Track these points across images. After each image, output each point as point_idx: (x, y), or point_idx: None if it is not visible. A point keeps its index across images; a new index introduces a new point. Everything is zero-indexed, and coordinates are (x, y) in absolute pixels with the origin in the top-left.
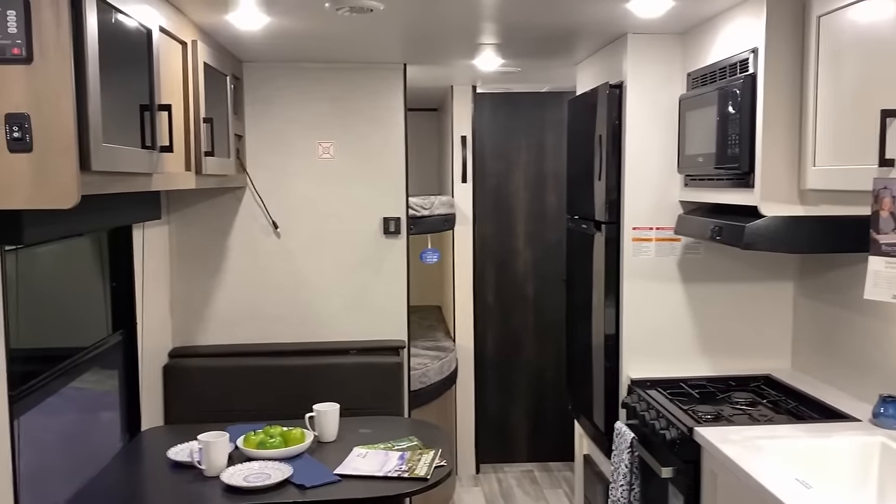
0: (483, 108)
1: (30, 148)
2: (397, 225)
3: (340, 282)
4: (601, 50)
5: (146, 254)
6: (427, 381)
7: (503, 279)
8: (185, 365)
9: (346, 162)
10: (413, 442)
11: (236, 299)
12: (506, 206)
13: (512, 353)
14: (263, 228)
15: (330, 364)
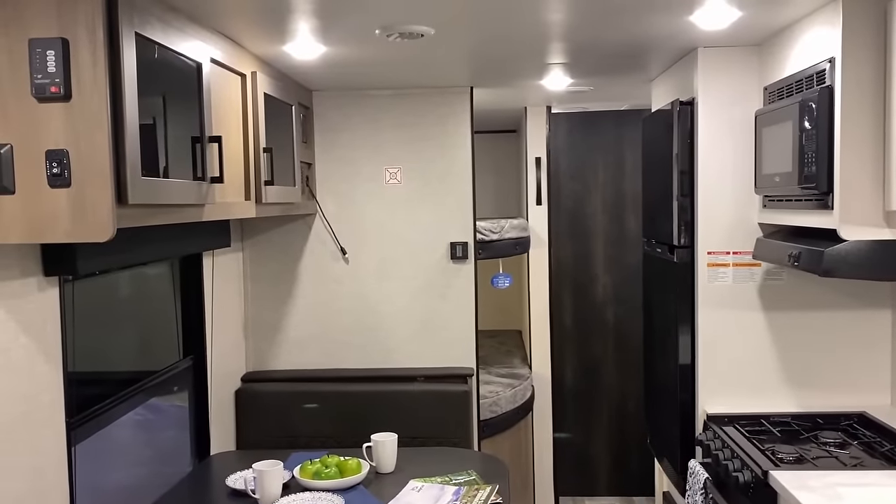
0: (559, 128)
1: (68, 183)
2: (464, 250)
3: (408, 307)
4: (674, 65)
5: (220, 279)
6: (498, 409)
7: (581, 304)
8: (255, 389)
9: (413, 187)
10: (471, 476)
11: (306, 324)
12: (583, 228)
13: (591, 382)
14: (332, 254)
15: (396, 391)
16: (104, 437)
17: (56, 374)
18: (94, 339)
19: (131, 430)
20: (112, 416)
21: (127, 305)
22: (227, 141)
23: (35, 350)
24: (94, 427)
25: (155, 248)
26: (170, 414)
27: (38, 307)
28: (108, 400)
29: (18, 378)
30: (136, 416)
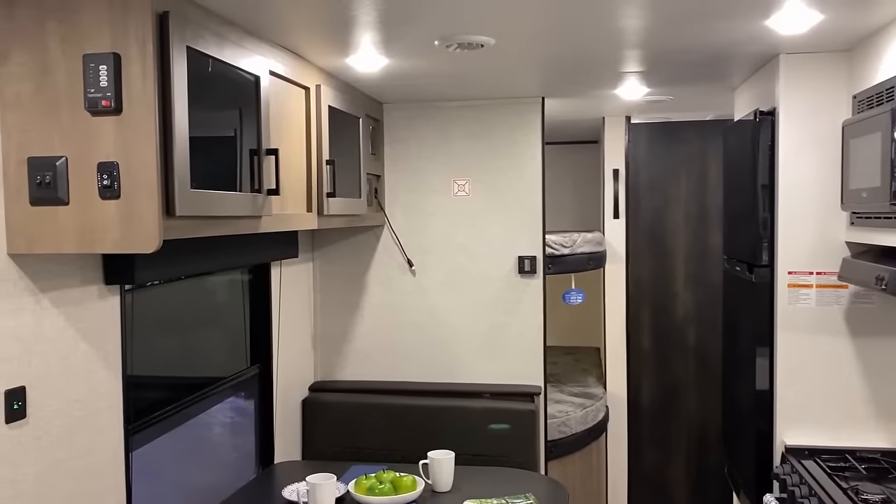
0: (638, 139)
1: (118, 195)
2: (533, 264)
3: (474, 322)
4: (757, 72)
5: (290, 289)
6: (568, 430)
7: (661, 323)
8: (321, 399)
9: (481, 199)
10: (529, 500)
11: (373, 335)
12: (663, 244)
13: (670, 405)
14: (400, 266)
15: (461, 407)
16: (164, 442)
17: (115, 381)
18: (160, 345)
19: (195, 435)
20: (174, 421)
21: (196, 312)
22: (288, 153)
23: (94, 357)
24: (155, 432)
25: (217, 258)
26: (235, 421)
27: (99, 315)
28: (170, 406)
29: (77, 384)
30: (201, 422)
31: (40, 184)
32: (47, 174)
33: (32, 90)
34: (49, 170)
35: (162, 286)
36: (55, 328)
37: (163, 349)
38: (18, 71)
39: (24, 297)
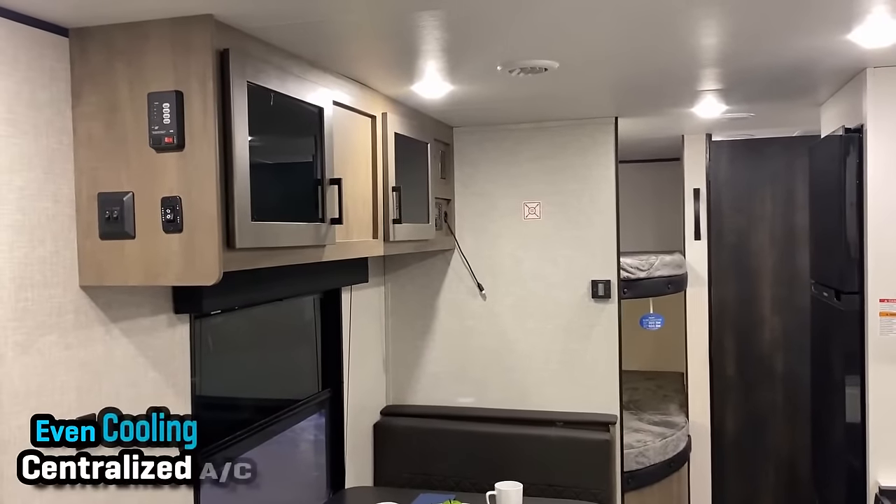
0: (720, 157)
1: (180, 228)
2: (607, 288)
3: (546, 347)
4: (844, 87)
5: (362, 313)
6: (646, 461)
7: (746, 350)
8: (392, 424)
9: (552, 222)
10: None
11: (443, 360)
12: (748, 266)
13: (757, 437)
14: (470, 290)
15: (533, 435)
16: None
17: (184, 408)
18: (231, 368)
19: (266, 458)
20: (244, 446)
21: (268, 336)
22: (353, 181)
23: (164, 384)
24: (227, 456)
25: (285, 285)
26: (307, 445)
27: (168, 343)
28: (239, 432)
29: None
30: (272, 445)
31: (108, 218)
32: (115, 209)
33: (102, 128)
34: (117, 205)
35: (234, 312)
36: (125, 356)
37: (235, 374)
38: (90, 111)
39: (95, 326)
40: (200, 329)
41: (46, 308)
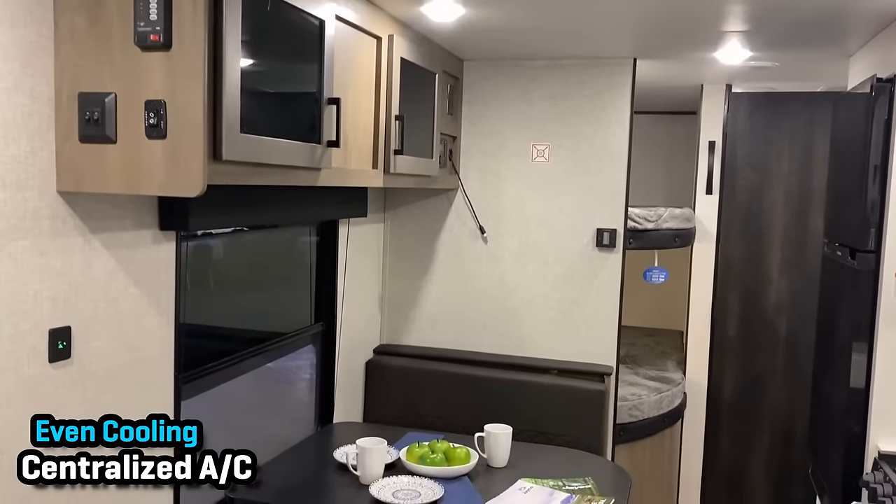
0: (739, 110)
1: (164, 134)
2: (612, 237)
3: (546, 295)
4: (876, 36)
5: (360, 250)
6: (639, 414)
7: (749, 310)
8: (385, 363)
9: (561, 166)
10: (587, 485)
11: (441, 302)
12: (758, 224)
13: (754, 399)
14: (471, 233)
15: (526, 382)
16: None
17: (167, 328)
18: (220, 296)
19: (252, 389)
20: (229, 373)
21: (261, 266)
22: (354, 105)
23: (146, 302)
24: (208, 384)
25: (279, 211)
26: (296, 378)
27: (152, 260)
28: (225, 358)
29: (126, 328)
30: (259, 376)
31: (89, 120)
32: (96, 110)
33: (86, 22)
34: (98, 106)
35: (226, 237)
36: (105, 270)
37: (223, 301)
38: (73, 1)
39: (73, 236)
40: (188, 251)
41: (20, 211)
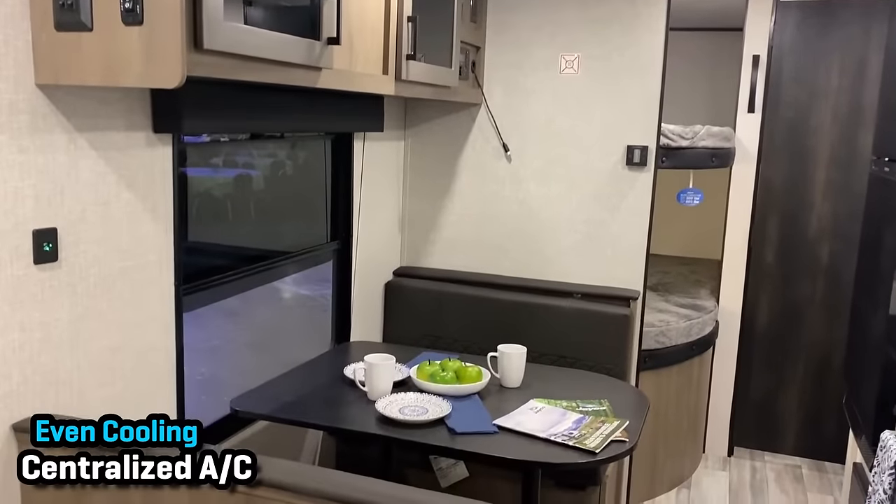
0: (786, 21)
1: (140, 20)
2: (644, 155)
3: (572, 216)
4: None
5: (379, 167)
6: (666, 341)
7: (789, 236)
8: (405, 285)
9: (591, 79)
10: (602, 406)
11: (462, 224)
12: (802, 145)
13: (790, 328)
14: (495, 150)
15: (549, 305)
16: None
17: (165, 236)
18: (227, 211)
19: (267, 307)
20: (236, 287)
21: (273, 181)
22: (360, 1)
23: (140, 208)
24: (213, 296)
25: (284, 119)
26: (312, 297)
27: (146, 165)
28: (233, 272)
29: (119, 234)
30: (274, 294)
31: (63, 6)
32: None
33: None
34: None
35: (235, 147)
36: (93, 172)
37: (231, 216)
38: None
39: (56, 133)
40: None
41: None
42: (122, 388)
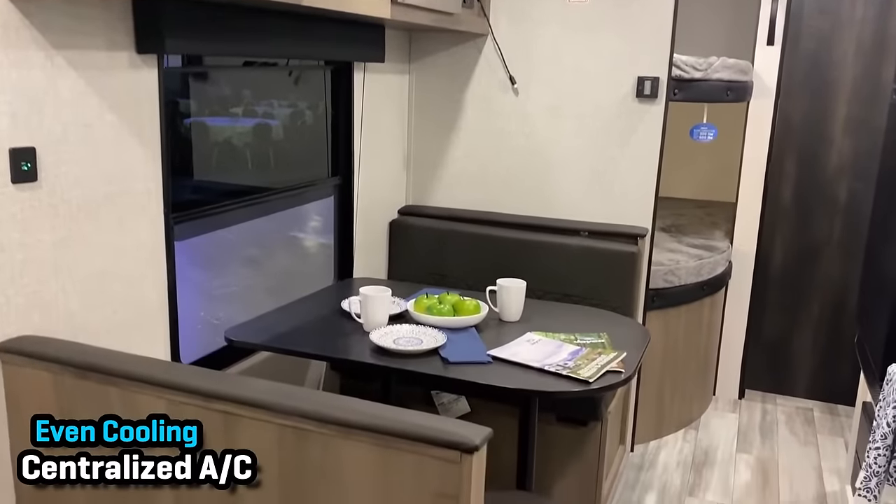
0: None
1: None
2: (655, 87)
3: (579, 151)
4: None
5: (382, 102)
6: (675, 280)
7: (807, 174)
8: (409, 223)
9: (600, 6)
10: (601, 339)
11: (467, 160)
12: (824, 78)
13: (805, 269)
14: (501, 84)
15: (555, 243)
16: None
17: (153, 164)
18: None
19: (267, 241)
20: (230, 218)
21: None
22: None
23: (126, 131)
24: (206, 226)
25: (274, 43)
26: (314, 233)
27: (130, 86)
28: (228, 202)
29: (104, 157)
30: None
31: None
32: None
33: None
34: None
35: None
36: (73, 91)
37: (225, 148)
38: None
39: (31, 49)
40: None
41: None
42: (110, 313)
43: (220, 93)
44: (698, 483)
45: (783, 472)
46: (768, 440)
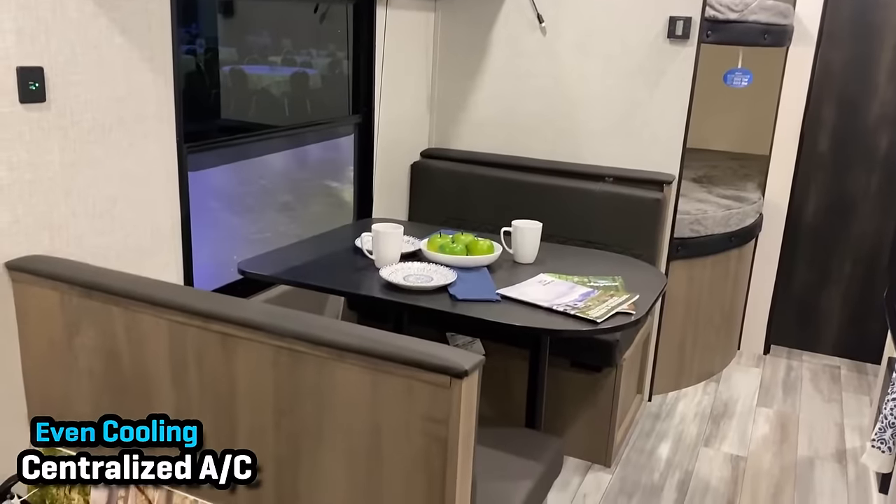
0: None
1: None
2: (687, 27)
3: (607, 94)
4: None
5: (406, 42)
6: (701, 230)
7: (846, 124)
8: (431, 166)
9: None
10: (615, 283)
11: (492, 103)
12: (869, 22)
13: (839, 223)
14: (529, 23)
15: (579, 189)
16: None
17: (165, 90)
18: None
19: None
20: (245, 151)
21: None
22: None
23: (137, 56)
24: (222, 158)
25: None
26: (334, 171)
27: (140, 10)
28: (244, 135)
29: (114, 81)
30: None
31: None
32: None
33: None
34: None
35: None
36: (81, 12)
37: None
38: None
39: None
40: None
41: None
42: (121, 237)
43: (239, 26)
44: (714, 434)
45: (803, 427)
46: (791, 396)
